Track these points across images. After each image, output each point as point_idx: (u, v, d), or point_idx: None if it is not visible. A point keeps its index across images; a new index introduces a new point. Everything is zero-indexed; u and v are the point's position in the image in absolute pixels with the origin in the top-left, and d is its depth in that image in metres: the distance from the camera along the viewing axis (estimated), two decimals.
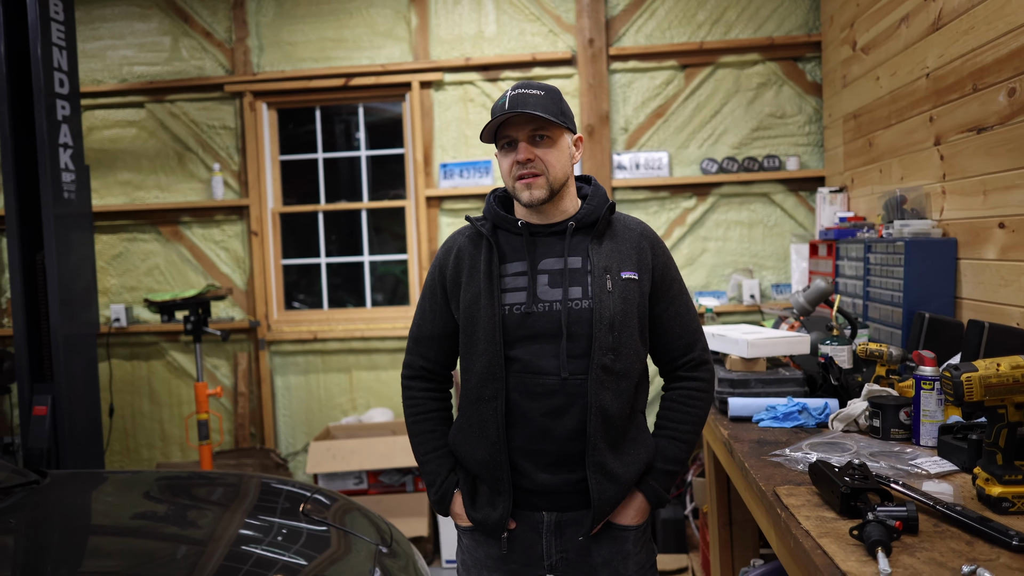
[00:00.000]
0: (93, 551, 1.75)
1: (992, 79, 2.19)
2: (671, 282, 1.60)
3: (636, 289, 1.53)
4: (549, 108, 1.48)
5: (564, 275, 1.51)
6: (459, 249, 1.61)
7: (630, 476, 1.53)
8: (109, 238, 4.33)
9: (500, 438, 1.50)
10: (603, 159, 3.96)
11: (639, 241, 1.57)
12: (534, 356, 1.50)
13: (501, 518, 1.52)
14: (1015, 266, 2.10)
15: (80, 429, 3.26)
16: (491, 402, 1.51)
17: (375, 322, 4.22)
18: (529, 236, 1.55)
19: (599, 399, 1.47)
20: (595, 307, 1.48)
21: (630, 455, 1.54)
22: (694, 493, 3.32)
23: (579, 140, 1.59)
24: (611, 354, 1.49)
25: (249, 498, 2.10)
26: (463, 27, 4.07)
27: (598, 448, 1.48)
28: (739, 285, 3.95)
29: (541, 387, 1.49)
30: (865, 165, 3.25)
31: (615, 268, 1.52)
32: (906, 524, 1.22)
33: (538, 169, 1.49)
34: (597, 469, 1.49)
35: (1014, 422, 1.32)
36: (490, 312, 1.51)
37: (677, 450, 1.58)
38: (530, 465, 1.51)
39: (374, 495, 3.66)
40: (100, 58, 4.26)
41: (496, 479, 1.52)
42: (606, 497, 1.50)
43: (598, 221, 1.55)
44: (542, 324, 1.50)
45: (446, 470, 1.61)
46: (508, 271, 1.54)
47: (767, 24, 3.89)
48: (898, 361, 2.01)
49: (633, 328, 1.52)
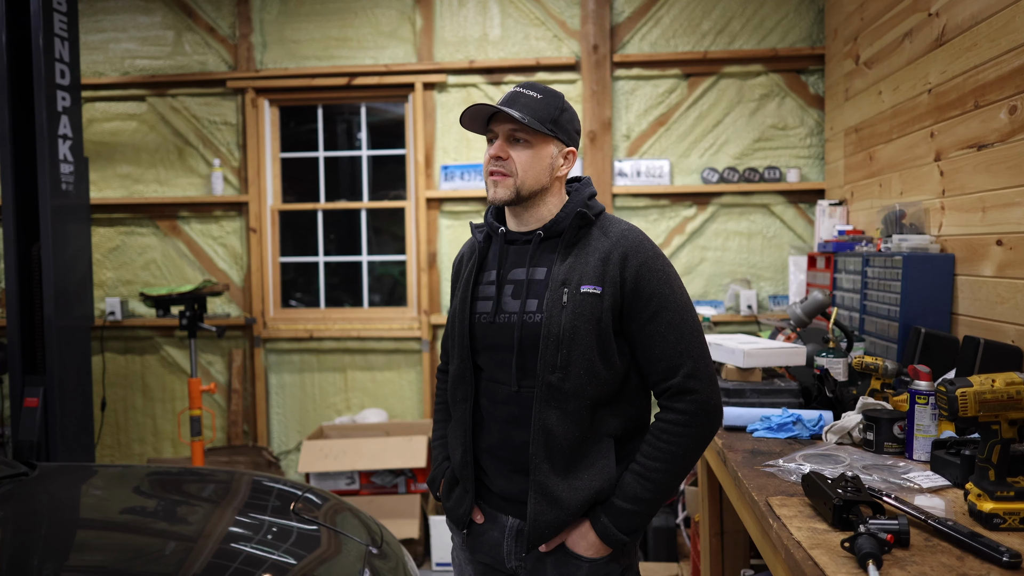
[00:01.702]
0: (81, 545, 1.73)
1: (994, 96, 2.20)
2: (650, 296, 1.43)
3: (597, 304, 1.41)
4: (538, 112, 1.43)
5: (523, 286, 1.48)
6: (462, 255, 1.66)
7: (575, 502, 1.42)
8: (106, 231, 4.32)
9: (467, 439, 1.52)
10: (604, 166, 3.96)
11: (609, 251, 1.44)
12: (494, 366, 1.50)
13: (464, 514, 1.55)
14: (1012, 283, 2.11)
15: (71, 422, 3.24)
16: (462, 404, 1.54)
17: (372, 322, 4.22)
18: (505, 244, 1.54)
19: (543, 418, 1.41)
20: (544, 321, 1.42)
21: (581, 480, 1.43)
22: (686, 502, 3.31)
23: (571, 153, 1.51)
24: (559, 372, 1.40)
25: (240, 496, 2.09)
26: (468, 30, 4.07)
27: (540, 468, 1.42)
28: (737, 295, 3.95)
29: (501, 396, 1.49)
30: (865, 179, 3.26)
31: (575, 281, 1.43)
32: (897, 538, 1.22)
33: (507, 169, 1.45)
34: (537, 488, 1.43)
35: (1007, 438, 1.32)
36: (461, 318, 1.53)
37: (640, 488, 1.41)
38: (493, 469, 1.52)
39: (366, 496, 3.65)
40: (102, 50, 4.26)
41: (464, 478, 1.54)
42: (544, 520, 1.42)
43: (564, 231, 1.48)
44: (501, 335, 1.48)
45: (441, 457, 1.67)
46: (484, 279, 1.54)
47: (771, 36, 3.90)
48: (893, 375, 2.01)
49: (588, 346, 1.40)
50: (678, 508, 3.44)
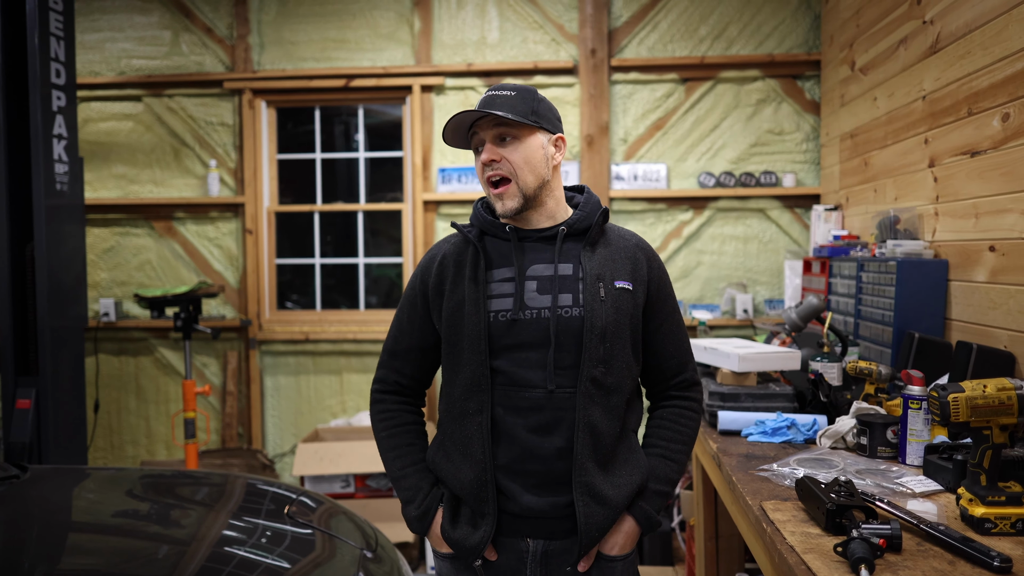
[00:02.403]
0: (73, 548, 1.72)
1: (987, 104, 2.21)
2: (666, 298, 1.52)
3: (630, 300, 1.45)
4: (517, 108, 1.41)
5: (554, 281, 1.42)
6: (443, 256, 1.51)
7: (621, 499, 1.42)
8: (101, 231, 4.31)
9: (486, 455, 1.39)
10: (602, 169, 3.97)
11: (634, 252, 1.49)
12: (519, 367, 1.40)
13: (480, 541, 1.41)
14: (1004, 289, 2.12)
15: (64, 424, 3.23)
16: (475, 416, 1.41)
17: (368, 324, 4.21)
18: (518, 241, 1.47)
19: (588, 415, 1.38)
20: (586, 315, 1.39)
21: (621, 476, 1.43)
22: (681, 505, 3.31)
23: (560, 140, 1.48)
24: (602, 366, 1.39)
25: (234, 499, 2.08)
26: (466, 32, 4.08)
27: (586, 468, 1.38)
28: (732, 299, 3.96)
29: (526, 401, 1.39)
30: (860, 184, 3.27)
31: (608, 276, 1.43)
32: (890, 542, 1.22)
33: (504, 171, 1.42)
34: (585, 491, 1.38)
35: (999, 443, 1.33)
36: (475, 319, 1.41)
37: (669, 470, 1.49)
38: (515, 486, 1.40)
39: (361, 499, 3.64)
40: (98, 50, 4.25)
41: (480, 500, 1.40)
42: (594, 522, 1.39)
43: (591, 227, 1.47)
44: (529, 332, 1.40)
45: (428, 484, 1.49)
46: (495, 277, 1.45)
47: (768, 41, 3.92)
48: (887, 380, 2.02)
49: (626, 340, 1.44)
50: (673, 512, 3.44)
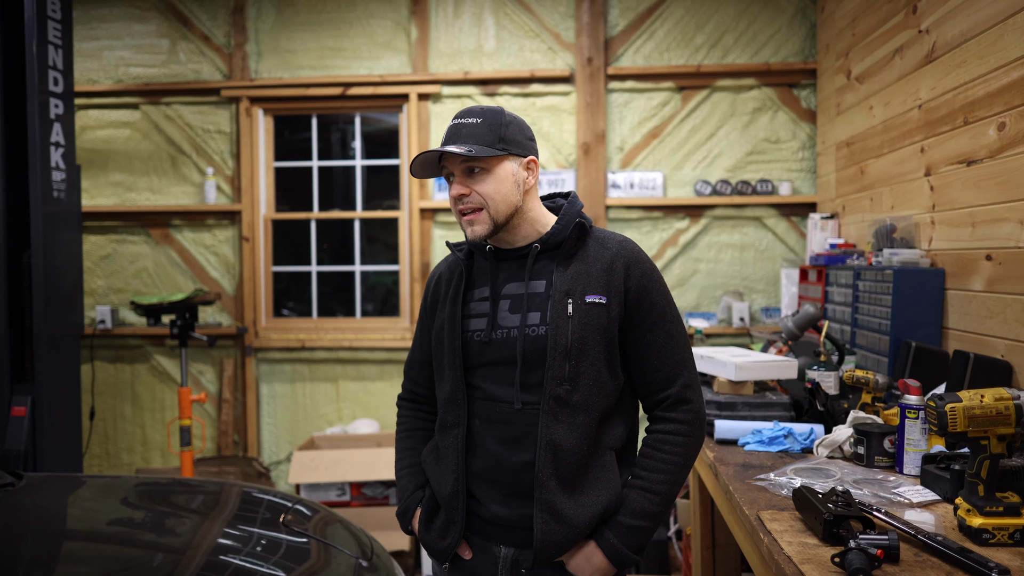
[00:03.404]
0: (67, 557, 1.71)
1: (983, 113, 2.22)
2: (650, 307, 1.44)
3: (603, 314, 1.41)
4: (482, 138, 1.40)
5: (522, 300, 1.44)
6: (440, 275, 1.59)
7: (583, 520, 1.38)
8: (98, 239, 4.30)
9: (459, 466, 1.45)
10: (598, 177, 3.97)
11: (612, 261, 1.44)
12: (492, 384, 1.45)
13: (448, 548, 1.47)
14: (1001, 298, 2.12)
15: (59, 431, 3.22)
16: (453, 428, 1.47)
17: (364, 332, 4.21)
18: (495, 261, 1.49)
19: (550, 432, 1.37)
20: (550, 333, 1.39)
21: (587, 496, 1.40)
22: (678, 514, 3.31)
23: (532, 162, 1.47)
24: (567, 384, 1.38)
25: (229, 507, 2.07)
26: (463, 41, 4.09)
27: (548, 486, 1.37)
28: (729, 307, 3.96)
29: (498, 415, 1.43)
30: (856, 193, 3.28)
31: (579, 291, 1.41)
32: (887, 553, 1.22)
33: (475, 203, 1.42)
34: (544, 507, 1.38)
35: (996, 454, 1.33)
36: (451, 338, 1.47)
37: (646, 503, 1.40)
38: (486, 495, 1.45)
39: (357, 507, 3.63)
40: (96, 58, 4.26)
41: (452, 508, 1.46)
42: (551, 540, 1.38)
43: (564, 242, 1.45)
44: (499, 351, 1.43)
45: (414, 486, 1.58)
46: (475, 296, 1.49)
47: (764, 50, 3.93)
48: (884, 389, 2.02)
49: (597, 356, 1.41)
50: (670, 521, 3.43)
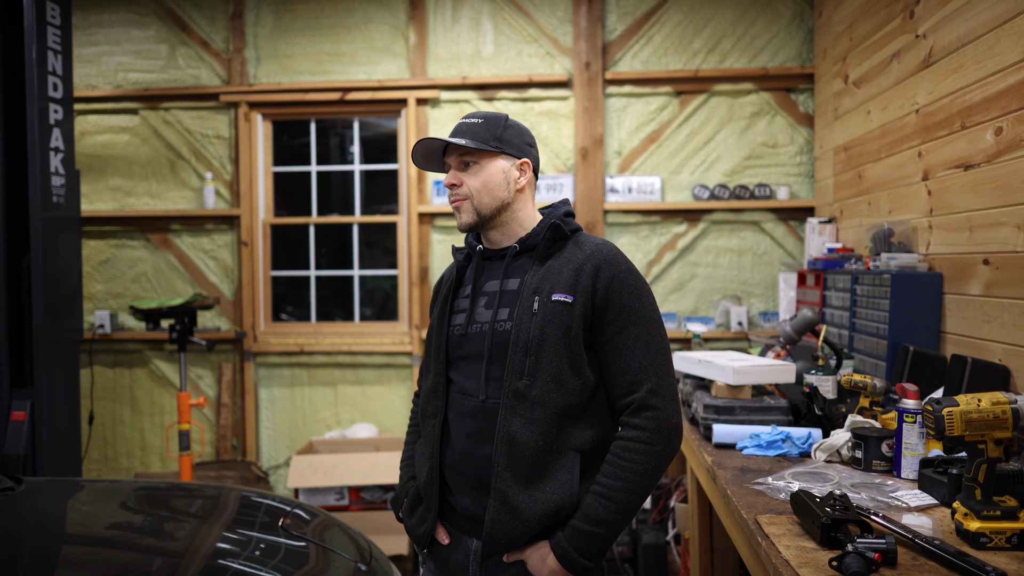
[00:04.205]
0: (67, 561, 1.72)
1: (980, 117, 2.23)
2: (619, 309, 1.44)
3: (567, 312, 1.43)
4: (479, 135, 1.51)
5: (496, 297, 1.52)
6: (442, 278, 1.70)
7: (535, 514, 1.40)
8: (97, 244, 4.30)
9: (435, 455, 1.52)
10: (596, 182, 3.98)
11: (583, 263, 1.47)
12: (465, 376, 1.52)
13: (425, 533, 1.54)
14: (999, 303, 2.13)
15: (58, 436, 3.22)
16: (432, 419, 1.55)
17: (363, 337, 4.21)
18: (481, 260, 1.59)
19: (507, 425, 1.42)
20: (514, 328, 1.45)
21: (542, 492, 1.41)
22: (676, 519, 3.31)
23: (524, 164, 1.55)
24: (526, 379, 1.42)
25: (228, 511, 2.07)
26: (461, 46, 4.10)
27: (502, 476, 1.41)
28: (727, 311, 3.97)
29: (467, 409, 1.50)
30: (854, 197, 3.29)
31: (546, 289, 1.46)
32: (885, 557, 1.23)
33: (462, 194, 1.53)
34: (498, 497, 1.41)
35: (993, 458, 1.33)
36: (439, 333, 1.57)
37: (601, 509, 1.38)
38: (457, 486, 1.51)
39: (355, 511, 3.63)
40: (96, 63, 4.26)
41: (428, 495, 1.54)
42: (501, 530, 1.41)
43: (539, 243, 1.53)
44: (472, 345, 1.51)
45: (407, 476, 1.67)
46: (461, 294, 1.59)
47: (761, 55, 3.95)
48: (882, 393, 2.02)
49: (557, 354, 1.42)
50: (668, 525, 3.43)
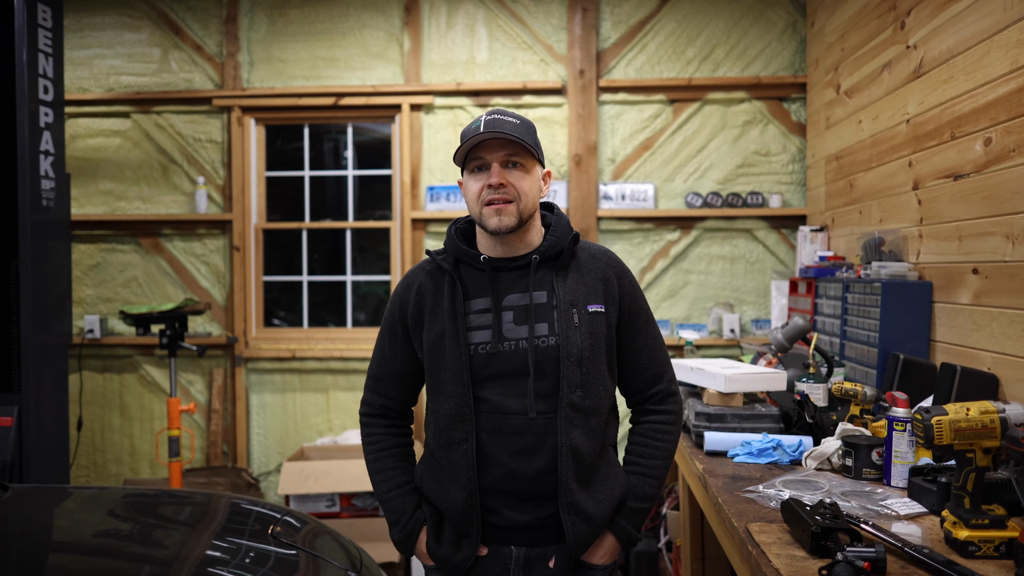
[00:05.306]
0: (53, 569, 1.70)
1: (969, 128, 2.25)
2: (638, 312, 1.56)
3: (603, 322, 1.50)
4: (525, 137, 1.46)
5: (530, 311, 1.47)
6: (420, 285, 1.55)
7: (603, 514, 1.50)
8: (87, 248, 4.28)
9: (472, 481, 1.46)
10: (589, 189, 3.99)
11: (605, 272, 1.53)
12: (501, 396, 1.46)
13: (464, 560, 1.49)
14: (987, 311, 2.14)
15: (46, 442, 3.19)
16: (461, 444, 1.47)
17: (355, 342, 4.20)
18: (492, 271, 1.50)
19: (569, 438, 1.44)
20: (562, 343, 1.44)
21: (602, 492, 1.51)
22: (668, 526, 3.30)
23: (547, 175, 1.56)
24: (580, 391, 1.45)
25: (218, 519, 2.05)
26: (455, 52, 4.11)
27: (570, 488, 1.44)
28: (719, 319, 3.98)
29: (509, 427, 1.45)
30: (846, 206, 3.31)
31: (581, 301, 1.48)
32: (874, 565, 1.23)
33: (510, 195, 1.44)
34: (571, 510, 1.45)
35: (982, 466, 1.34)
36: (456, 352, 1.46)
37: (648, 487, 1.54)
38: (500, 504, 1.48)
39: (346, 518, 3.61)
40: (87, 66, 4.25)
41: (465, 521, 1.48)
42: (581, 538, 1.47)
43: (562, 253, 1.51)
44: (508, 363, 1.46)
45: (412, 507, 1.57)
46: (472, 308, 1.49)
47: (754, 64, 3.97)
48: (872, 401, 2.03)
49: (601, 363, 1.50)
50: (660, 532, 3.42)
